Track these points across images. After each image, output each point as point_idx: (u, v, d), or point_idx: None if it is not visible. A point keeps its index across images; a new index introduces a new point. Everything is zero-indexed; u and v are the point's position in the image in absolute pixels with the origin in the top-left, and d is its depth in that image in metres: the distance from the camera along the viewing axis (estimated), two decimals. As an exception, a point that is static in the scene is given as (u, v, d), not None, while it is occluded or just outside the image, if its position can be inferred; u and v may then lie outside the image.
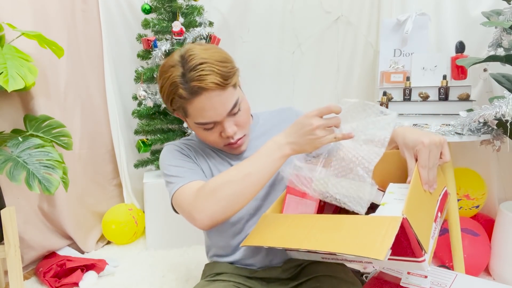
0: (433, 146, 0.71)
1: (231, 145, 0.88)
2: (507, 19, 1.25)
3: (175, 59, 0.83)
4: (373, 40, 1.93)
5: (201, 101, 0.80)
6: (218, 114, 0.82)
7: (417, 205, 0.66)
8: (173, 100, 0.83)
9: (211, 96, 0.80)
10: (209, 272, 0.94)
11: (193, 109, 0.82)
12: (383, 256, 0.55)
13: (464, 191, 1.58)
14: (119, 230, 1.81)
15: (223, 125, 0.84)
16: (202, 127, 0.85)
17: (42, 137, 1.39)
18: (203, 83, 0.78)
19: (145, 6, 1.76)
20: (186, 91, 0.80)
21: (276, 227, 0.75)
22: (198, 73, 0.79)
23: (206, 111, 0.82)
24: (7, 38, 1.38)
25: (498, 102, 1.13)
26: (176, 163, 0.89)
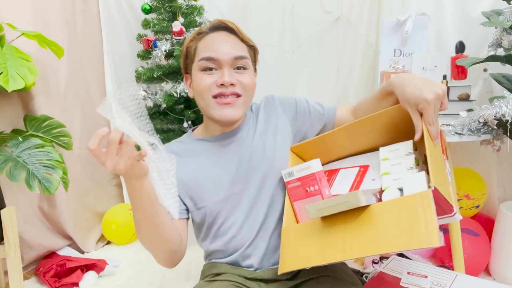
0: (437, 101, 0.69)
1: (220, 97, 0.85)
2: (507, 19, 1.25)
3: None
4: (373, 40, 1.93)
5: (216, 36, 0.87)
6: (223, 52, 0.85)
7: (436, 165, 0.64)
8: (190, 42, 0.90)
9: (225, 35, 0.88)
10: (208, 273, 0.94)
11: (204, 43, 0.87)
12: (437, 241, 0.52)
13: (464, 191, 1.58)
14: (119, 230, 1.81)
15: (222, 71, 0.85)
16: (204, 65, 0.85)
17: (42, 137, 1.39)
18: (226, 21, 0.89)
19: (145, 6, 1.76)
20: (206, 28, 0.89)
21: (308, 241, 0.71)
22: (220, 19, 0.90)
23: (216, 45, 0.85)
24: (7, 38, 1.38)
25: (498, 102, 1.13)
26: None
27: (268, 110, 1.00)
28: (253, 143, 0.94)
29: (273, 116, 0.99)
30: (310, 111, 0.99)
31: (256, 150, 0.93)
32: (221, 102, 0.85)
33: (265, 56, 2.03)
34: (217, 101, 0.86)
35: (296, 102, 1.00)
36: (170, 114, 1.83)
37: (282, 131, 0.97)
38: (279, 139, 0.96)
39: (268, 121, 0.98)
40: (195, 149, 0.94)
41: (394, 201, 0.62)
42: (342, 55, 2.00)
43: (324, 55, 2.01)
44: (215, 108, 0.86)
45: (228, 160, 0.92)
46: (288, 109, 1.00)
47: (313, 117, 0.99)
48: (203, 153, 0.93)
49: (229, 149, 0.93)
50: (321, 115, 0.99)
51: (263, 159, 0.92)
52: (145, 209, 0.71)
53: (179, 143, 0.97)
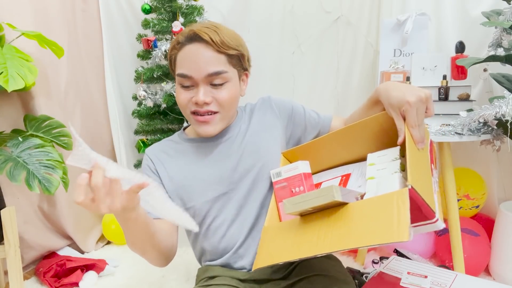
0: (420, 103, 0.69)
1: (196, 115, 0.87)
2: (507, 19, 1.25)
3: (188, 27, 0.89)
4: (373, 40, 1.93)
5: (190, 49, 0.83)
6: (197, 69, 0.83)
7: (418, 168, 0.64)
8: (172, 50, 0.88)
9: (200, 49, 0.83)
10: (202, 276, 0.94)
11: (181, 57, 0.85)
12: (407, 236, 0.52)
13: (464, 191, 1.58)
14: (119, 230, 1.81)
15: (197, 90, 0.85)
16: (181, 82, 0.86)
17: (42, 137, 1.39)
18: (200, 32, 0.83)
19: (145, 6, 1.76)
20: (183, 36, 0.85)
21: (283, 237, 0.72)
22: (203, 26, 0.85)
23: (189, 61, 0.83)
24: (7, 38, 1.38)
25: (498, 102, 1.13)
26: None
27: (264, 111, 1.00)
28: (244, 143, 0.94)
29: (267, 117, 0.99)
30: (305, 117, 1.00)
31: (247, 150, 0.93)
32: (197, 120, 0.87)
33: (265, 56, 2.04)
34: (194, 118, 0.88)
35: (293, 106, 1.00)
36: (170, 114, 1.83)
37: (275, 132, 0.97)
38: (272, 140, 0.96)
39: (262, 121, 0.98)
40: (185, 149, 0.95)
41: (371, 199, 0.62)
42: (342, 55, 2.00)
43: (324, 55, 2.01)
44: (194, 124, 0.89)
45: (217, 160, 0.92)
46: (283, 112, 1.00)
47: (307, 123, 1.00)
48: (192, 153, 0.93)
49: (219, 149, 0.93)
50: (316, 122, 1.00)
51: (254, 159, 0.92)
52: (142, 233, 0.71)
53: (170, 142, 0.98)
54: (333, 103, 2.05)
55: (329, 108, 2.05)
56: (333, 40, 1.99)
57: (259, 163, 0.92)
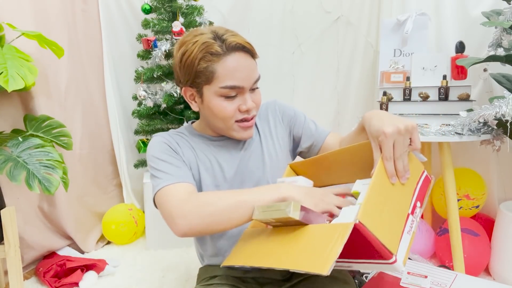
0: (397, 135, 0.65)
1: (244, 122, 0.86)
2: (507, 19, 1.25)
3: (201, 30, 0.84)
4: (373, 40, 1.93)
5: (235, 60, 0.80)
6: (247, 79, 0.82)
7: (380, 203, 0.61)
8: (201, 60, 0.80)
9: (244, 58, 0.82)
10: (204, 276, 0.94)
11: (224, 69, 0.80)
12: (326, 270, 0.51)
13: (464, 191, 1.58)
14: (119, 230, 1.81)
15: (244, 97, 0.84)
16: (226, 93, 0.82)
17: (42, 137, 1.39)
18: (241, 40, 0.81)
19: (145, 6, 1.76)
20: (221, 48, 0.80)
21: (252, 243, 0.74)
22: (232, 33, 0.82)
23: (238, 71, 0.81)
24: (7, 38, 1.38)
25: (498, 102, 1.13)
26: (165, 157, 0.86)
27: (272, 116, 1.00)
28: (252, 147, 0.94)
29: (273, 122, 0.99)
30: (303, 126, 1.00)
31: (255, 153, 0.94)
32: (244, 126, 0.87)
33: (265, 56, 2.04)
34: (240, 125, 0.86)
35: (295, 113, 1.01)
36: (170, 114, 1.83)
37: (280, 138, 0.98)
38: (278, 146, 0.97)
39: (268, 126, 0.99)
40: (195, 143, 0.93)
41: (324, 225, 0.62)
42: (342, 55, 2.00)
43: (324, 55, 2.01)
44: (237, 131, 0.88)
45: (225, 159, 0.92)
46: (286, 118, 1.01)
47: (303, 131, 1.00)
48: (202, 150, 0.92)
49: (228, 149, 0.93)
50: (311, 134, 1.00)
51: (260, 164, 0.93)
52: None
53: (179, 135, 0.94)
54: (333, 103, 2.06)
55: (329, 108, 2.05)
56: (333, 40, 1.99)
57: (262, 167, 0.93)
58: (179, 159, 0.88)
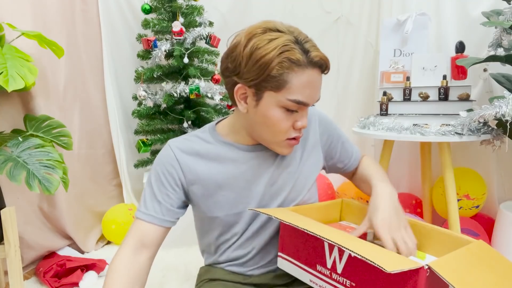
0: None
1: (293, 140, 0.80)
2: (507, 19, 1.25)
3: (276, 25, 0.74)
4: (373, 40, 1.93)
5: (311, 75, 0.74)
6: (314, 97, 0.77)
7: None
8: (278, 65, 0.71)
9: (318, 75, 0.76)
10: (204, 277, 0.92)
11: (299, 82, 0.72)
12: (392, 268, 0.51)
13: (464, 191, 1.58)
14: (119, 230, 1.81)
15: (303, 114, 0.77)
16: (290, 106, 0.74)
17: (42, 137, 1.39)
18: (324, 57, 0.75)
19: (145, 6, 1.76)
20: (303, 58, 0.72)
21: (295, 217, 0.73)
22: (313, 44, 0.75)
23: (311, 88, 0.74)
24: (7, 38, 1.38)
25: (498, 102, 1.13)
26: (154, 181, 0.83)
27: (310, 128, 0.92)
28: (286, 160, 0.87)
29: (312, 135, 0.92)
30: (341, 151, 0.96)
31: (285, 168, 0.87)
32: (292, 144, 0.81)
33: (265, 56, 2.04)
34: (289, 143, 0.80)
35: (338, 136, 0.96)
36: (170, 114, 1.83)
37: (314, 155, 0.92)
38: (310, 163, 0.91)
39: (306, 139, 0.91)
40: (219, 152, 0.84)
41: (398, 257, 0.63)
42: (342, 55, 2.00)
43: (324, 55, 2.01)
44: (283, 147, 0.81)
45: (254, 173, 0.84)
46: (325, 137, 0.94)
47: (339, 158, 0.97)
48: (231, 161, 0.84)
49: (257, 162, 0.85)
50: (346, 161, 0.98)
51: (290, 179, 0.87)
52: None
53: (201, 141, 0.85)
54: (333, 103, 2.06)
55: (329, 108, 2.05)
56: (333, 40, 1.99)
57: (292, 184, 0.87)
58: (167, 188, 0.82)
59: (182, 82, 1.75)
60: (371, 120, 1.47)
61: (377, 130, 1.42)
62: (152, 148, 1.86)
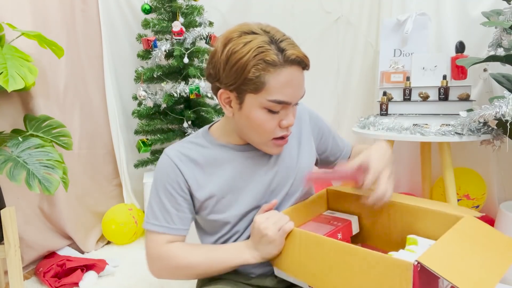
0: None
1: (280, 140, 0.80)
2: (507, 19, 1.25)
3: (252, 28, 0.75)
4: (373, 40, 1.93)
5: (289, 74, 0.73)
6: (296, 95, 0.76)
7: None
8: (253, 67, 0.71)
9: (298, 72, 0.75)
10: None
11: (277, 82, 0.72)
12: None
13: (464, 191, 1.58)
14: (119, 230, 1.81)
15: (287, 112, 0.77)
16: (272, 107, 0.74)
17: (42, 137, 1.38)
18: (300, 53, 0.73)
19: (145, 6, 1.76)
20: (278, 57, 0.71)
21: (309, 254, 0.72)
22: (290, 42, 0.74)
23: (290, 87, 0.74)
24: (7, 38, 1.38)
25: (498, 102, 1.13)
26: (160, 192, 0.83)
27: (302, 122, 0.94)
28: (282, 156, 0.88)
29: (303, 129, 0.93)
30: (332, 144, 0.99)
31: (284, 163, 0.88)
32: (280, 143, 0.81)
33: (265, 56, 2.04)
34: (276, 143, 0.80)
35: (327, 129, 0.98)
36: (170, 114, 1.83)
37: (309, 147, 0.94)
38: (307, 155, 0.92)
39: (298, 133, 0.92)
40: (216, 156, 0.85)
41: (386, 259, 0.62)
42: (342, 55, 2.00)
43: (324, 55, 2.01)
44: (271, 147, 0.81)
45: (253, 172, 0.85)
46: (316, 130, 0.96)
47: (331, 150, 1.00)
48: (228, 162, 0.84)
49: (255, 160, 0.86)
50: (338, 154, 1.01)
51: (289, 173, 0.88)
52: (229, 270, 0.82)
53: (197, 147, 0.86)
54: (333, 103, 2.06)
55: (329, 108, 2.05)
56: (333, 40, 1.99)
57: (292, 178, 0.88)
58: (178, 199, 0.83)
59: (182, 82, 1.75)
60: (371, 120, 1.47)
61: (377, 130, 1.42)
62: (152, 148, 1.86)
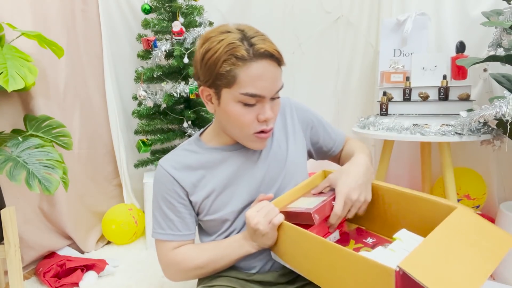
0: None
1: (262, 133, 0.82)
2: (507, 19, 1.25)
3: (228, 28, 0.79)
4: (373, 40, 1.93)
5: (260, 67, 0.76)
6: (270, 88, 0.78)
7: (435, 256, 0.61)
8: (224, 62, 0.75)
9: (270, 66, 0.77)
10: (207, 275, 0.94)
11: (247, 75, 0.75)
12: None
13: (464, 191, 1.58)
14: (119, 230, 1.81)
15: (264, 106, 0.79)
16: (245, 100, 0.77)
17: (42, 137, 1.38)
18: (270, 47, 0.76)
19: (145, 6, 1.76)
20: (248, 52, 0.75)
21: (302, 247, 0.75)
22: (262, 38, 0.78)
23: (262, 80, 0.76)
24: (7, 38, 1.38)
25: (498, 102, 1.13)
26: (161, 203, 0.89)
27: (285, 115, 0.96)
28: (271, 152, 0.91)
29: (289, 122, 0.96)
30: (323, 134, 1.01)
31: (274, 158, 0.90)
32: (261, 137, 0.83)
33: (265, 56, 2.04)
34: (257, 136, 0.82)
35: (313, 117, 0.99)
36: (170, 114, 1.83)
37: (298, 140, 0.96)
38: (296, 148, 0.94)
39: (285, 127, 0.95)
40: (209, 159, 0.89)
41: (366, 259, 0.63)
42: (342, 55, 2.00)
43: (324, 55, 2.01)
44: (253, 141, 0.84)
45: (245, 169, 0.88)
46: (303, 121, 0.98)
47: (323, 141, 1.01)
48: (219, 163, 0.88)
49: (246, 158, 0.89)
50: (331, 143, 1.03)
51: (281, 168, 0.90)
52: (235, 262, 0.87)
53: (190, 153, 0.90)
54: (333, 103, 2.06)
55: (329, 108, 2.05)
56: (333, 40, 1.99)
57: (284, 172, 0.90)
58: (177, 206, 0.88)
59: (182, 82, 1.75)
60: (371, 120, 1.47)
61: (377, 130, 1.42)
62: (152, 148, 1.86)
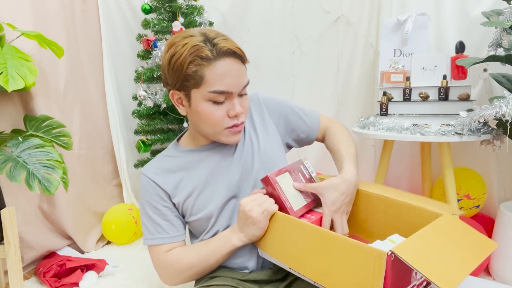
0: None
1: (233, 128, 0.87)
2: (507, 19, 1.24)
3: (191, 32, 0.83)
4: (373, 40, 1.93)
5: (225, 65, 0.80)
6: (236, 84, 0.83)
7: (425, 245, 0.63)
8: (190, 64, 0.80)
9: (234, 63, 0.82)
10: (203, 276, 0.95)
11: (213, 74, 0.80)
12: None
13: (464, 191, 1.58)
14: (119, 230, 1.81)
15: (233, 102, 0.84)
16: (214, 98, 0.82)
17: (42, 137, 1.38)
18: (232, 46, 0.81)
19: (145, 6, 1.76)
20: (211, 52, 0.79)
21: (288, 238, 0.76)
22: (224, 38, 0.82)
23: (228, 77, 0.81)
24: (7, 38, 1.38)
25: (498, 102, 1.13)
26: (148, 210, 0.92)
27: (255, 111, 1.01)
28: (245, 146, 0.95)
29: (260, 116, 1.00)
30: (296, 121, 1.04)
31: (248, 152, 0.94)
32: (234, 131, 0.87)
33: (265, 56, 2.04)
34: (230, 131, 0.87)
35: (282, 106, 1.02)
36: (170, 114, 1.83)
37: (271, 132, 0.99)
38: (270, 140, 0.98)
39: (257, 122, 0.99)
40: (187, 161, 0.94)
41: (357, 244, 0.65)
42: (342, 55, 2.00)
43: (324, 55, 2.01)
44: (227, 136, 0.88)
45: (223, 166, 0.93)
46: (273, 113, 1.01)
47: (296, 127, 1.04)
48: (197, 164, 0.93)
49: (222, 155, 0.94)
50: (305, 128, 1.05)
51: (256, 160, 0.94)
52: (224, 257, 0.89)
53: (169, 158, 0.96)
54: (333, 103, 2.05)
55: (329, 108, 2.05)
56: (333, 40, 1.99)
57: (258, 164, 0.93)
58: (162, 209, 0.91)
59: (182, 82, 1.75)
60: (371, 120, 1.47)
61: (377, 130, 1.42)
62: (152, 148, 1.86)
